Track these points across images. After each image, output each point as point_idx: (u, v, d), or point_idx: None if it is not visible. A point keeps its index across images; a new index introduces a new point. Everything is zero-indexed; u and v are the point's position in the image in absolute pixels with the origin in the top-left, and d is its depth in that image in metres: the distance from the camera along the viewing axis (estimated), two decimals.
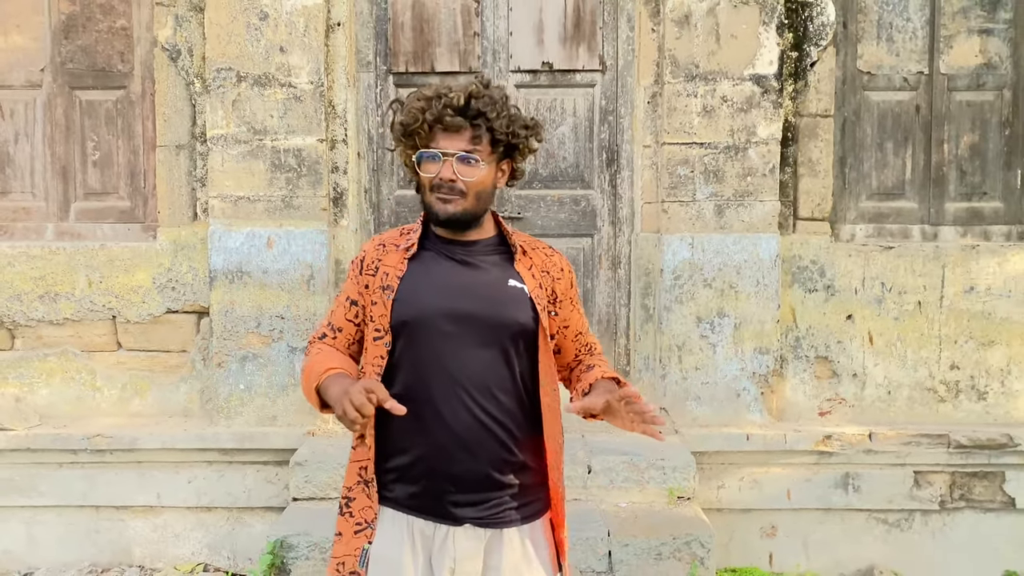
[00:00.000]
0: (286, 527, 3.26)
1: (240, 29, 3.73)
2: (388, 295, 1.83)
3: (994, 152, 3.98)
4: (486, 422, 1.80)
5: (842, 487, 3.73)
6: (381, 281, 1.85)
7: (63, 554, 3.80)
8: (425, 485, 1.81)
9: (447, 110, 1.78)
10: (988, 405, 3.92)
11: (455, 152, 1.79)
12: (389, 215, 4.06)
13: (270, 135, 3.76)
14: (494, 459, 1.81)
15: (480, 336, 1.80)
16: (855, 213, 4.01)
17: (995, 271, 3.88)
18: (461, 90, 1.80)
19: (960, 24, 3.94)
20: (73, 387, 3.98)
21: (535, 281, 1.88)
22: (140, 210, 4.05)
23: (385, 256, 1.89)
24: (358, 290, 1.89)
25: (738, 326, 3.78)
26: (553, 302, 1.91)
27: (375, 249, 1.92)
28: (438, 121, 1.79)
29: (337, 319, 1.92)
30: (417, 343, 1.81)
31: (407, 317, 1.81)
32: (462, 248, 1.87)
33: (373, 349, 1.85)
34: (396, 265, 1.86)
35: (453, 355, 1.80)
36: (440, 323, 1.80)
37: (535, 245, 1.95)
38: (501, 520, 1.83)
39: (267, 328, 3.78)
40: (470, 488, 1.81)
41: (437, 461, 1.80)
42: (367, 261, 1.90)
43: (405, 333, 1.82)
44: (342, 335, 1.91)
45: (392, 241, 1.92)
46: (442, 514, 1.81)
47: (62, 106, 4.02)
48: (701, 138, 3.76)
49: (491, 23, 3.96)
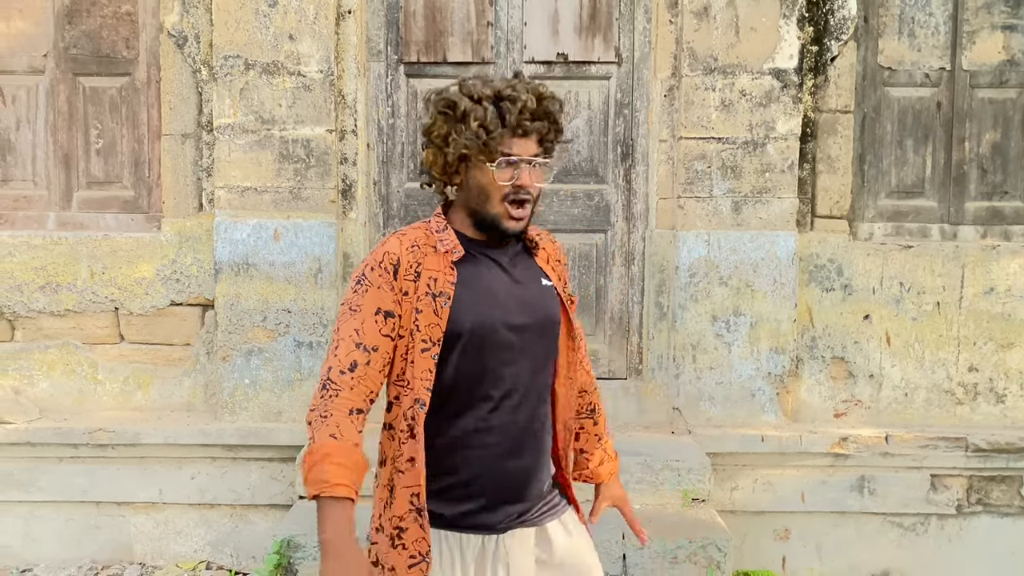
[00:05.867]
0: (293, 526, 3.20)
1: (248, 15, 3.65)
2: (443, 302, 1.68)
3: (1016, 150, 3.91)
4: (535, 428, 1.78)
5: (857, 490, 3.67)
6: (428, 287, 1.69)
7: (62, 550, 3.73)
8: (480, 502, 1.74)
9: (524, 114, 1.68)
10: (1007, 408, 3.86)
11: (531, 158, 1.71)
12: (399, 208, 3.98)
13: (278, 125, 3.68)
14: (539, 461, 1.80)
15: (533, 343, 1.76)
16: (874, 211, 3.94)
17: (1016, 272, 3.81)
18: (527, 90, 1.71)
19: (983, 20, 3.86)
20: (74, 380, 3.90)
21: (554, 273, 1.86)
22: (144, 200, 3.97)
23: (424, 259, 1.72)
24: (394, 298, 1.68)
25: (754, 325, 3.71)
26: (565, 289, 1.89)
27: (409, 251, 1.71)
28: (518, 126, 1.68)
29: (370, 338, 1.66)
30: (473, 354, 1.71)
31: (467, 327, 1.69)
32: (498, 251, 1.79)
33: (420, 362, 1.68)
34: (443, 270, 1.71)
35: (514, 362, 1.73)
36: (501, 334, 1.71)
37: (540, 234, 1.89)
38: (544, 515, 1.82)
39: (273, 322, 3.70)
40: (522, 494, 1.77)
41: (494, 476, 1.73)
42: (404, 264, 1.70)
43: (460, 343, 1.70)
44: (377, 355, 1.66)
45: (424, 242, 1.74)
46: (493, 525, 1.76)
47: (65, 93, 3.94)
48: (719, 133, 3.69)
49: (505, 12, 3.88)
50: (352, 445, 1.60)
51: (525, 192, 1.71)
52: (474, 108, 1.68)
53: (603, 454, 2.02)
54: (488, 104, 1.69)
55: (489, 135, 1.67)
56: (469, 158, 1.70)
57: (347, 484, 1.56)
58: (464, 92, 1.71)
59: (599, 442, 2.03)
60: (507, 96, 1.69)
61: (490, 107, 1.68)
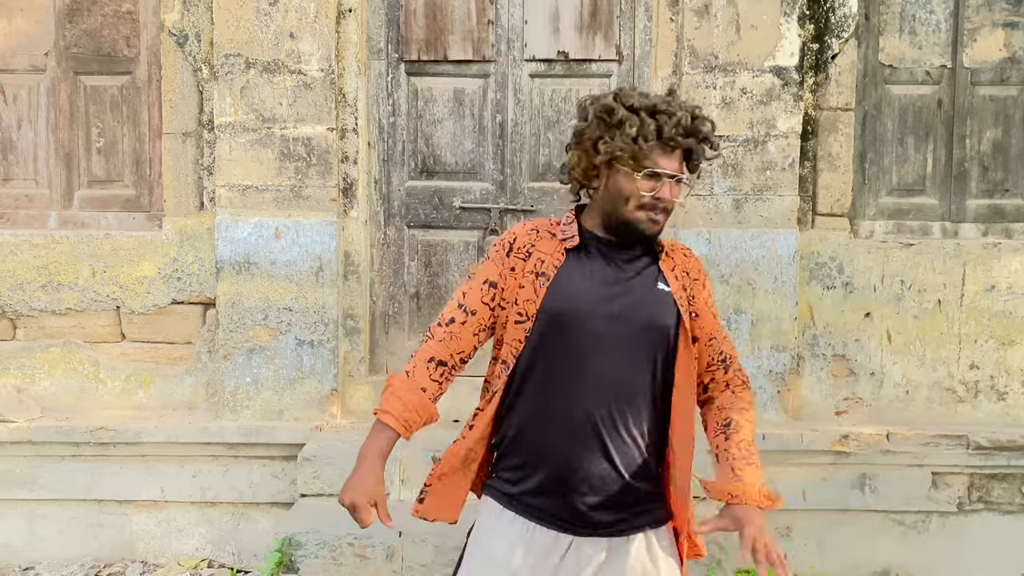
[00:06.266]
0: (294, 524, 3.20)
1: (249, 14, 3.65)
2: (542, 282, 1.79)
3: (1017, 148, 3.90)
4: (626, 425, 1.77)
5: (858, 488, 3.67)
6: (535, 267, 1.81)
7: (65, 549, 3.74)
8: (557, 494, 1.77)
9: (678, 129, 1.74)
10: (1008, 406, 3.86)
11: (675, 174, 1.77)
12: (400, 206, 3.98)
13: (279, 123, 3.68)
14: (629, 464, 1.78)
15: (629, 338, 1.77)
16: (874, 209, 3.94)
17: (1017, 270, 3.81)
18: (682, 108, 1.76)
19: (984, 17, 3.86)
20: (76, 378, 3.91)
21: (678, 283, 1.86)
22: (145, 199, 3.98)
23: (539, 242, 1.84)
24: (500, 271, 1.84)
25: (755, 323, 3.71)
26: (692, 303, 1.87)
27: (527, 234, 1.87)
28: (670, 140, 1.74)
29: (471, 301, 1.85)
30: (564, 336, 1.77)
31: (560, 309, 1.77)
32: (619, 250, 1.84)
33: (513, 331, 1.80)
34: (553, 253, 1.82)
35: (600, 354, 1.76)
36: (594, 321, 1.76)
37: (675, 246, 1.93)
38: (630, 526, 1.80)
39: (275, 320, 3.71)
40: (604, 496, 1.76)
41: (573, 468, 1.76)
42: (518, 244, 1.85)
43: (553, 324, 1.77)
44: (474, 319, 1.84)
45: (547, 229, 1.88)
46: (570, 524, 1.77)
47: (66, 91, 3.94)
48: (720, 131, 3.60)
49: (506, 11, 3.88)
50: (417, 388, 1.80)
51: (663, 204, 1.78)
52: (630, 117, 1.75)
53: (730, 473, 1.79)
54: (645, 116, 1.74)
55: (641, 145, 1.74)
56: (614, 164, 1.77)
57: (394, 415, 1.77)
58: (621, 101, 1.78)
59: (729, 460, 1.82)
60: (663, 110, 1.75)
61: (647, 119, 1.74)
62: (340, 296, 3.78)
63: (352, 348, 3.88)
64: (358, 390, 3.89)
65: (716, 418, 1.90)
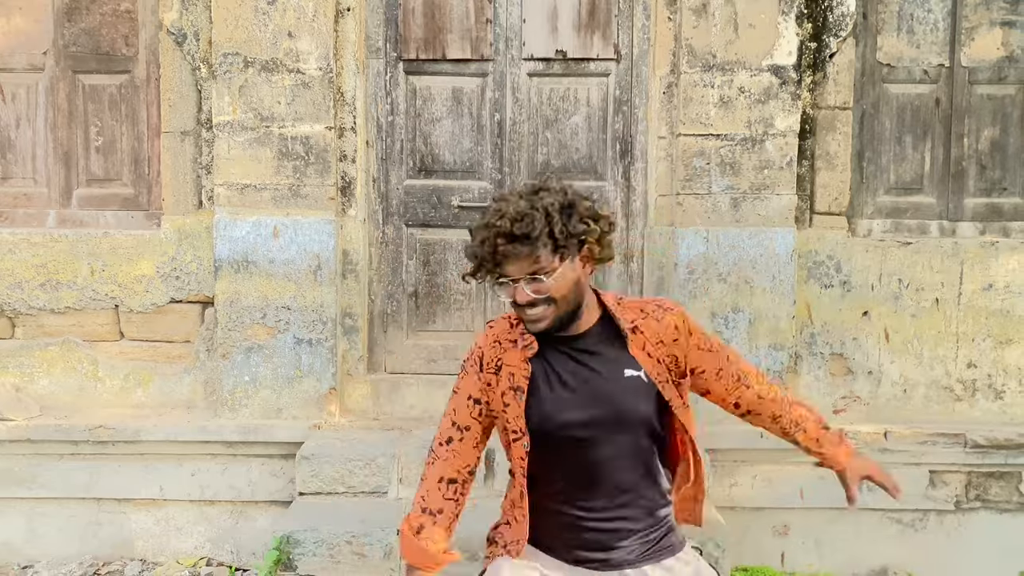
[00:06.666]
0: (293, 522, 3.20)
1: (247, 13, 3.65)
2: (520, 396, 1.85)
3: (1015, 147, 3.91)
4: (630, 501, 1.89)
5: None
6: (508, 381, 1.87)
7: (64, 547, 3.74)
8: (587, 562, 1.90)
9: (499, 239, 1.74)
10: (1005, 404, 3.86)
11: (521, 276, 1.77)
12: (398, 205, 3.98)
13: (277, 122, 3.69)
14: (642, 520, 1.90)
15: (609, 435, 1.85)
16: (872, 208, 3.94)
17: (1014, 268, 3.82)
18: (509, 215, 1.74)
19: (982, 16, 3.86)
20: (75, 377, 3.91)
21: (651, 360, 1.87)
22: (144, 197, 3.98)
23: (504, 355, 1.89)
24: (479, 387, 1.91)
25: (753, 322, 3.71)
26: (676, 366, 1.91)
27: (491, 347, 1.91)
28: (495, 252, 1.75)
29: (462, 418, 1.92)
30: (552, 448, 1.85)
31: (540, 428, 1.85)
32: (575, 340, 1.87)
33: (514, 449, 1.88)
34: (519, 365, 1.87)
35: (588, 456, 1.84)
36: (573, 430, 1.84)
37: (644, 312, 1.91)
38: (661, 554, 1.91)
39: (273, 319, 3.71)
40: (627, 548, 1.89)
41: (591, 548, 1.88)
42: (487, 359, 1.91)
43: (541, 441, 1.85)
44: (469, 434, 1.91)
45: (506, 337, 1.91)
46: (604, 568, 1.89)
47: (65, 90, 3.94)
48: (717, 130, 3.69)
49: (504, 10, 3.88)
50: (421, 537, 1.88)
51: (527, 305, 1.78)
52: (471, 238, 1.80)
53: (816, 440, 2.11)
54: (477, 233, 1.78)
55: (477, 266, 1.80)
56: None
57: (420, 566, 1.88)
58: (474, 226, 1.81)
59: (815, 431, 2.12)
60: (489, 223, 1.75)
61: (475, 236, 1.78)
62: (338, 295, 3.79)
63: (350, 347, 3.89)
64: (356, 389, 3.90)
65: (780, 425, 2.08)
